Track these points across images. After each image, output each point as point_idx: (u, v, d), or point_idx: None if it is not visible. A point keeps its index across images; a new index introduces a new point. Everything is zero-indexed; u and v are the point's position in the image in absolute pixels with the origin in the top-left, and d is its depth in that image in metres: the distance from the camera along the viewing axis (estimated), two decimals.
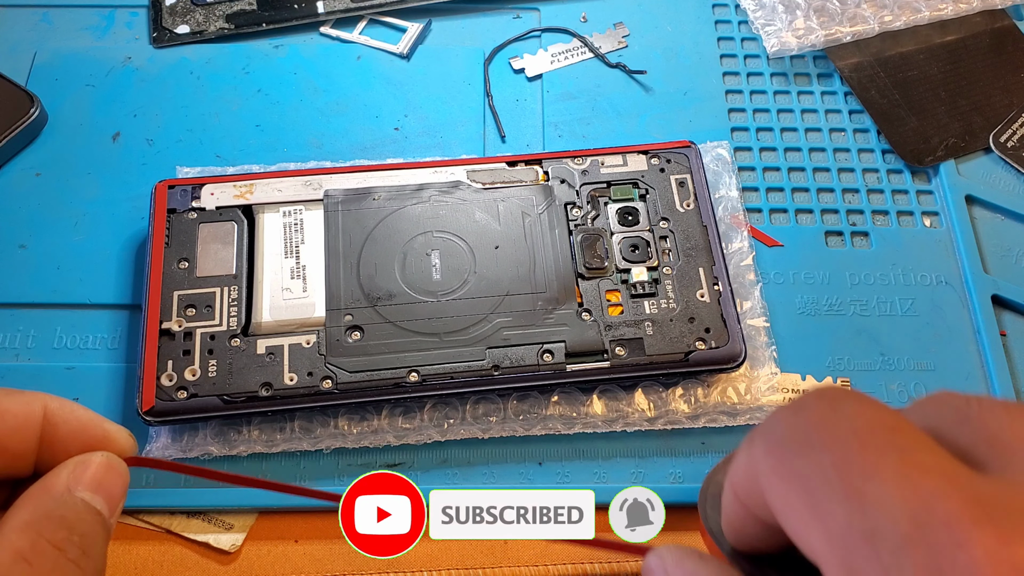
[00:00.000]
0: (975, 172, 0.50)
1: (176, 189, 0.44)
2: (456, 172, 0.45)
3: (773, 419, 0.20)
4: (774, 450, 0.19)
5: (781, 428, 0.19)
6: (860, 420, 0.18)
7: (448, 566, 0.39)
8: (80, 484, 0.27)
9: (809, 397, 0.19)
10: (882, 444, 0.17)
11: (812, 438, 0.18)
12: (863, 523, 0.17)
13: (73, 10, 0.54)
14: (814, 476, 0.18)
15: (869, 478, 0.17)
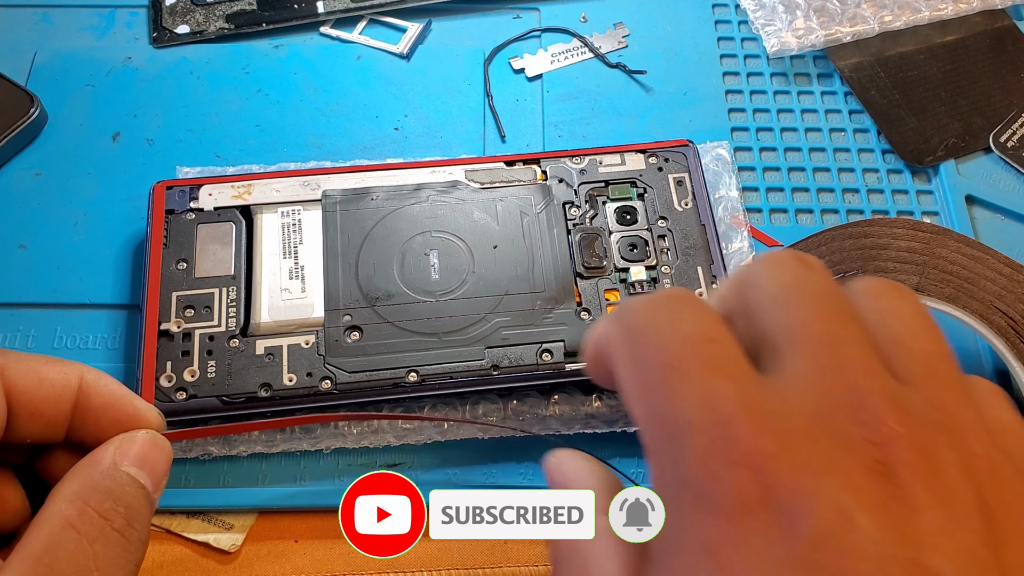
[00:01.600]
0: (975, 172, 0.50)
1: (174, 190, 0.44)
2: (454, 172, 0.45)
3: (634, 305, 0.23)
4: (626, 336, 0.23)
5: (637, 318, 0.23)
6: (689, 327, 0.22)
7: (448, 566, 0.39)
8: (126, 459, 0.29)
9: (661, 296, 0.23)
10: (697, 350, 0.21)
11: (652, 338, 0.22)
12: (667, 411, 0.20)
13: (73, 10, 0.54)
14: (646, 367, 0.21)
15: (679, 376, 0.21)
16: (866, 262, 0.33)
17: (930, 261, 0.34)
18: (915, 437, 0.20)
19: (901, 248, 0.34)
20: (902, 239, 0.34)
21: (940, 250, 0.35)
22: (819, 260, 0.24)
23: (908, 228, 0.34)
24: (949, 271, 0.35)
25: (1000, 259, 0.36)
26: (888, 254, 0.33)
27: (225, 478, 0.40)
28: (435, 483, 0.40)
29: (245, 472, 0.40)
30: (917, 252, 0.34)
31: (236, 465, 0.40)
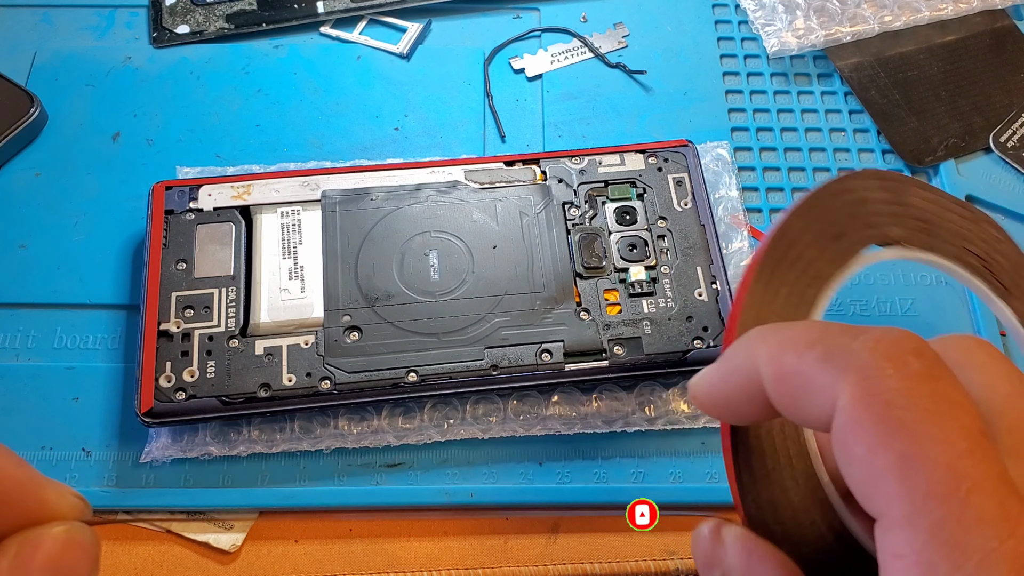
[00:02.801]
0: (975, 172, 0.50)
1: (174, 190, 0.44)
2: (454, 172, 0.45)
3: (873, 354, 0.20)
4: (876, 405, 0.20)
5: (891, 385, 0.20)
6: (966, 418, 0.20)
7: (448, 566, 0.39)
8: (29, 569, 0.21)
9: (905, 350, 0.20)
10: (985, 456, 0.19)
11: (927, 425, 0.19)
12: (956, 532, 0.18)
13: (73, 10, 0.54)
14: (919, 465, 0.19)
15: (973, 492, 0.19)
16: (856, 218, 0.34)
17: (903, 211, 0.35)
18: None
19: (878, 200, 0.35)
20: (875, 190, 0.35)
21: (908, 198, 0.36)
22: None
23: (876, 179, 0.35)
24: (920, 218, 0.36)
25: (952, 200, 0.37)
26: (871, 207, 0.34)
27: (225, 478, 0.40)
28: (435, 483, 0.40)
29: (245, 472, 0.40)
30: (892, 203, 0.35)
31: (236, 465, 0.40)
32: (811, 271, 0.33)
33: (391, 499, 0.40)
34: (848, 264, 0.33)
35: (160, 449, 0.40)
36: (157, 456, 0.40)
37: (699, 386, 0.25)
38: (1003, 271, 0.37)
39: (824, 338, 0.22)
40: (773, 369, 0.22)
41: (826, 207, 0.34)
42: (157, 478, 0.40)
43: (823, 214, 0.34)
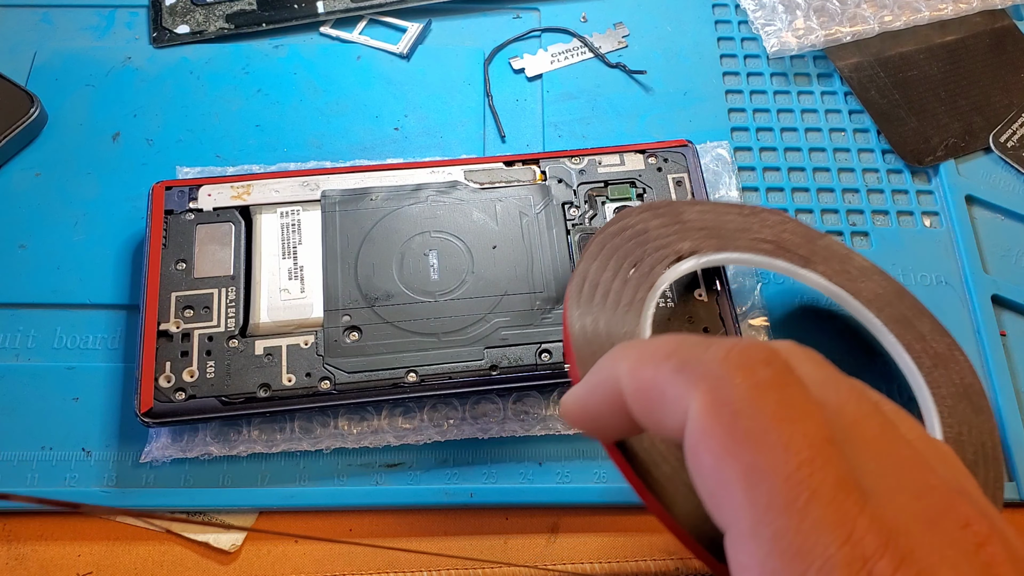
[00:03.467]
0: (975, 172, 0.50)
1: (173, 190, 0.44)
2: (453, 172, 0.45)
3: (722, 364, 0.21)
4: (723, 413, 0.20)
5: (737, 392, 0.20)
6: (810, 425, 0.20)
7: (448, 566, 0.39)
8: None
9: (755, 359, 0.21)
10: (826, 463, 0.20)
11: (770, 435, 0.20)
12: (797, 540, 0.19)
13: (73, 10, 0.54)
14: (760, 474, 0.20)
15: (812, 500, 0.19)
16: (643, 245, 0.37)
17: (683, 227, 0.38)
18: (997, 531, 0.21)
19: (657, 226, 0.38)
20: (651, 219, 0.38)
21: (684, 216, 0.39)
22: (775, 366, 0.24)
23: (648, 210, 0.39)
24: (702, 227, 0.39)
25: (725, 205, 0.43)
26: (653, 233, 0.38)
27: (225, 478, 0.40)
28: (435, 483, 0.40)
29: (245, 472, 0.40)
30: (671, 224, 0.39)
31: (236, 465, 0.40)
32: (623, 300, 0.35)
33: (391, 499, 0.40)
34: (654, 285, 0.36)
35: (160, 449, 0.40)
36: (157, 456, 0.40)
37: (567, 404, 0.25)
38: (796, 245, 0.40)
39: (679, 350, 0.22)
40: (632, 381, 0.23)
41: (614, 245, 0.37)
42: (157, 478, 0.40)
43: (613, 251, 0.36)
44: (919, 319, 0.40)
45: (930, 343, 0.40)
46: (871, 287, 0.40)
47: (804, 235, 0.41)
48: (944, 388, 0.38)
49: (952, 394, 0.38)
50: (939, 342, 0.40)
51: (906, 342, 0.39)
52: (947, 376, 0.39)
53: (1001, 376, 0.44)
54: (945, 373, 0.39)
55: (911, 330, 0.40)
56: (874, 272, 0.41)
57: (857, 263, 0.41)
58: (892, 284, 0.41)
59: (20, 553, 0.39)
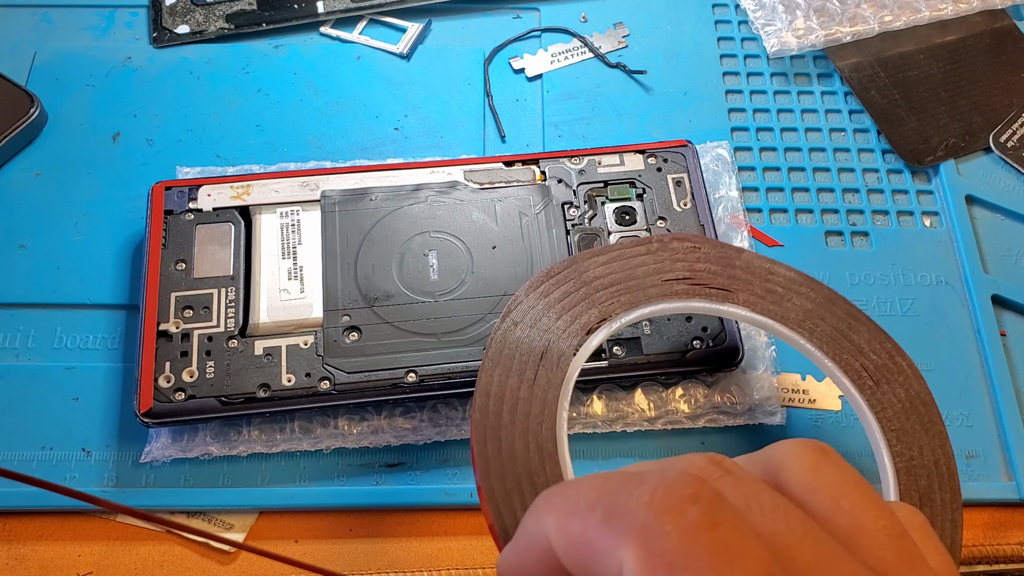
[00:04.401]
0: (975, 172, 0.50)
1: (173, 190, 0.44)
2: (453, 172, 0.45)
3: (647, 510, 0.20)
4: (657, 567, 0.19)
5: (667, 541, 0.19)
6: (748, 565, 0.19)
7: (448, 566, 0.39)
8: None
9: (681, 498, 0.20)
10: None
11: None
12: None
13: (73, 10, 0.54)
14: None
15: None
16: (545, 332, 0.35)
17: (588, 291, 0.36)
18: None
19: (559, 298, 0.37)
20: (553, 290, 0.36)
21: (587, 274, 0.38)
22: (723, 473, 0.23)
23: (547, 279, 0.37)
24: (608, 286, 0.37)
25: (630, 244, 0.38)
26: (555, 311, 0.35)
27: (225, 478, 0.40)
28: (435, 483, 0.40)
29: (245, 472, 0.40)
30: (572, 291, 0.36)
31: (236, 465, 0.41)
32: (533, 411, 0.32)
33: (391, 499, 0.40)
34: (564, 379, 0.33)
35: (160, 449, 0.40)
36: (157, 456, 0.40)
37: (502, 566, 0.24)
38: (713, 275, 0.38)
39: (603, 498, 0.21)
40: (560, 538, 0.22)
41: (515, 341, 0.34)
42: (157, 478, 0.40)
43: (515, 347, 0.34)
44: (855, 328, 0.38)
45: (869, 355, 0.38)
46: (799, 304, 0.38)
47: (720, 258, 0.39)
48: (890, 407, 0.37)
49: (899, 412, 0.37)
50: (879, 351, 0.38)
51: (844, 362, 0.37)
52: (891, 391, 0.37)
53: (1001, 376, 0.44)
54: (889, 388, 0.37)
55: (847, 345, 0.38)
56: (800, 282, 0.39)
57: (781, 276, 0.39)
58: (821, 292, 0.39)
59: (20, 553, 0.39)
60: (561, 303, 0.36)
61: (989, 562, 0.40)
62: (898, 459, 0.36)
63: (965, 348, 0.45)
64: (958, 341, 0.45)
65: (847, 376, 0.37)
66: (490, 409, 0.32)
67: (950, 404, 0.43)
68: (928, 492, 0.35)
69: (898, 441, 0.36)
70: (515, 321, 0.35)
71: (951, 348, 0.45)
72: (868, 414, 0.36)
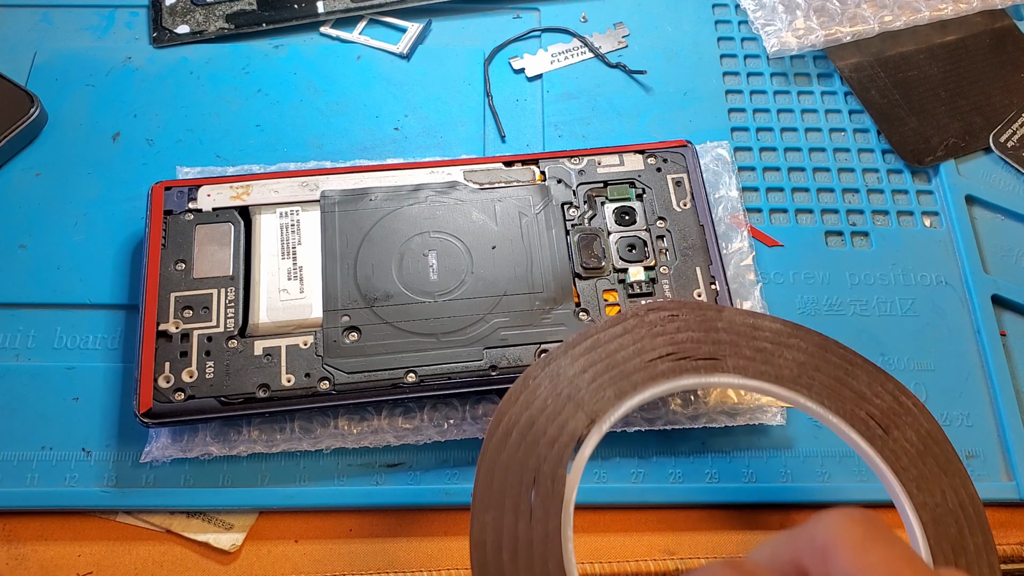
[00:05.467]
0: (975, 172, 0.50)
1: (172, 191, 0.44)
2: (453, 172, 0.45)
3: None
4: None
5: None
6: None
7: (448, 566, 0.39)
8: None
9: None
10: None
11: None
12: None
13: (73, 10, 0.54)
14: None
15: None
16: (533, 449, 0.33)
17: (571, 392, 0.34)
18: None
19: (541, 408, 0.34)
20: (534, 402, 0.34)
21: (566, 374, 0.35)
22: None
23: (524, 390, 0.34)
24: (592, 380, 0.35)
25: (608, 323, 0.36)
26: (542, 424, 0.33)
27: (225, 478, 0.40)
28: (435, 483, 0.40)
29: (245, 472, 0.40)
30: (555, 396, 0.34)
31: (236, 465, 0.41)
32: (536, 551, 0.31)
33: (391, 499, 0.40)
34: (563, 503, 0.32)
35: (160, 449, 0.40)
36: (157, 456, 0.40)
37: None
38: (697, 344, 0.36)
39: None
40: None
41: (503, 466, 0.32)
42: (157, 478, 0.40)
43: (504, 477, 0.31)
44: (852, 374, 0.36)
45: (873, 400, 0.36)
46: (792, 358, 0.36)
47: (700, 323, 0.37)
48: (904, 455, 0.35)
49: (914, 457, 0.35)
50: (882, 394, 0.36)
51: (848, 413, 0.36)
52: (902, 436, 0.35)
53: (1001, 376, 0.44)
54: (900, 433, 0.35)
55: (848, 393, 0.36)
56: (788, 333, 0.37)
57: (767, 330, 0.37)
58: (811, 340, 0.37)
59: (20, 553, 0.39)
60: (546, 411, 0.34)
61: None
62: (922, 510, 0.34)
63: (965, 348, 0.45)
64: (958, 341, 0.45)
65: (854, 429, 0.35)
66: (488, 560, 0.30)
67: (950, 404, 0.43)
68: (959, 540, 0.34)
69: (919, 490, 0.34)
70: (502, 439, 0.33)
71: (951, 348, 0.45)
72: (882, 467, 0.35)
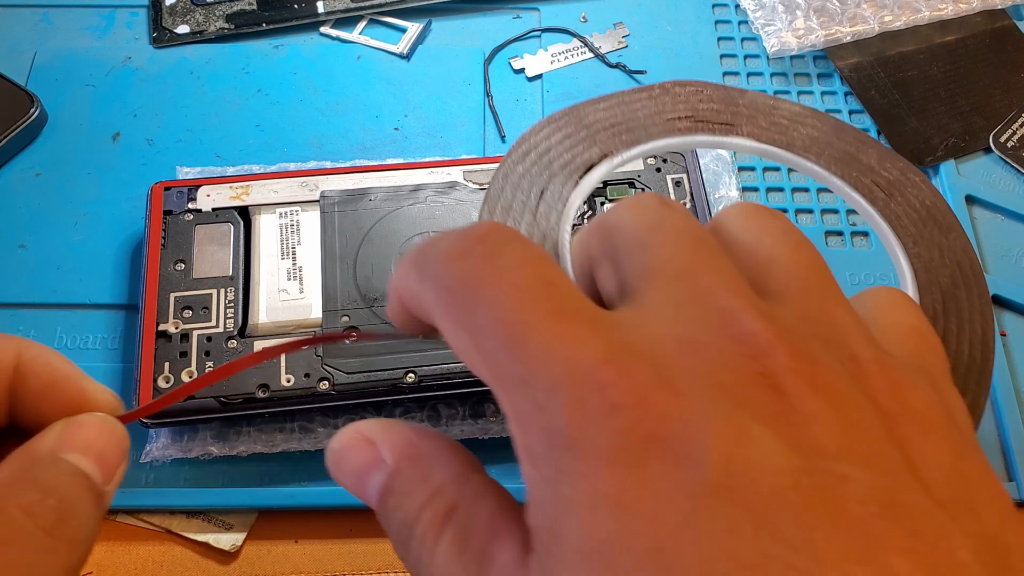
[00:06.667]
0: (975, 172, 0.50)
1: (172, 191, 0.44)
2: (452, 172, 0.45)
3: (440, 254, 0.21)
4: (443, 296, 0.21)
5: (450, 275, 0.21)
6: (519, 274, 0.20)
7: None
8: (69, 445, 0.25)
9: (469, 238, 0.21)
10: (538, 299, 0.19)
11: (477, 295, 0.20)
12: (522, 371, 0.19)
13: (73, 10, 0.54)
14: (481, 330, 0.20)
15: (526, 332, 0.19)
16: (550, 166, 0.35)
17: (588, 131, 0.37)
18: (792, 346, 0.19)
19: (558, 140, 0.36)
20: (553, 135, 0.36)
21: (586, 119, 0.37)
22: (680, 204, 0.25)
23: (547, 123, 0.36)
24: (611, 124, 0.36)
25: (630, 93, 0.37)
26: (555, 152, 0.35)
27: (225, 478, 0.40)
28: None
29: (245, 472, 0.40)
30: (574, 134, 0.35)
31: (236, 465, 0.40)
32: (535, 240, 0.33)
33: None
34: (563, 212, 0.33)
35: (160, 449, 0.40)
36: (157, 456, 0.40)
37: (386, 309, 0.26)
38: (716, 113, 0.38)
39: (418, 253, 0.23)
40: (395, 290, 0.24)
41: (517, 176, 0.34)
42: (157, 478, 0.40)
43: (516, 184, 0.34)
44: (864, 151, 0.37)
45: (880, 173, 0.37)
46: (805, 133, 0.38)
47: (723, 99, 0.38)
48: (904, 216, 0.36)
49: (915, 220, 0.36)
50: (890, 169, 0.37)
51: (852, 179, 0.36)
52: (906, 202, 0.36)
53: (1001, 376, 0.44)
54: (903, 200, 0.36)
55: (856, 165, 0.37)
56: (807, 115, 0.38)
57: (786, 111, 0.38)
58: (828, 122, 0.38)
59: None
60: (563, 143, 0.35)
61: None
62: (916, 260, 0.35)
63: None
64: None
65: (857, 191, 0.36)
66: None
67: None
68: (952, 289, 0.34)
69: (915, 244, 0.35)
70: (520, 156, 0.35)
71: None
72: (881, 223, 0.36)
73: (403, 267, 0.23)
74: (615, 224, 0.23)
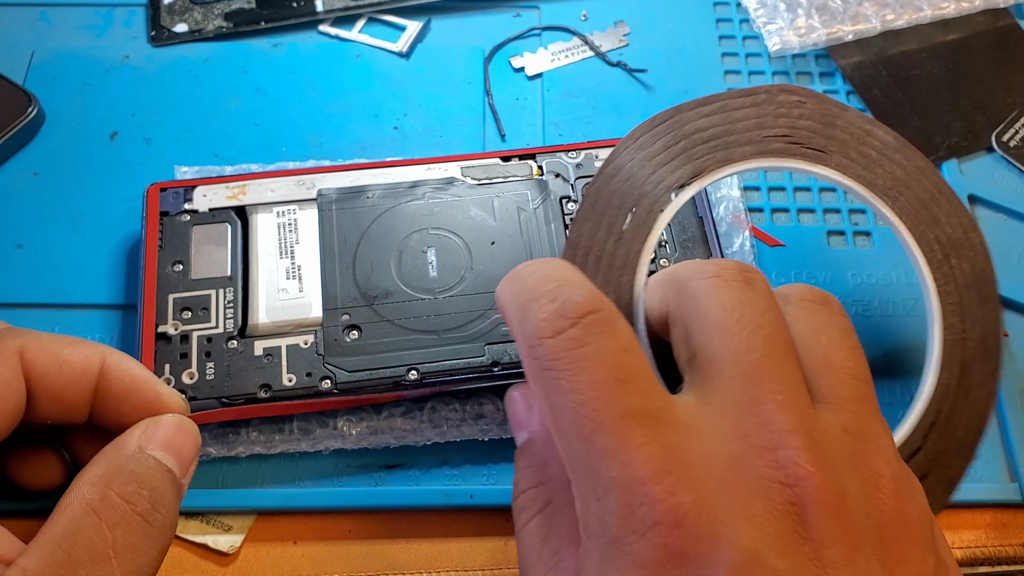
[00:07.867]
0: (977, 172, 0.50)
1: (168, 192, 0.43)
2: (450, 168, 0.45)
3: (536, 324, 0.25)
4: (533, 365, 0.25)
5: (542, 350, 0.25)
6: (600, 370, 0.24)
7: (448, 567, 0.39)
8: (152, 442, 0.29)
9: (567, 318, 0.25)
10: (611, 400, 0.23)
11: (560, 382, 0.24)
12: (588, 462, 0.23)
13: (71, 9, 0.54)
14: (559, 412, 0.24)
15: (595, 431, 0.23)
16: (639, 186, 0.36)
17: (687, 143, 0.37)
18: (826, 475, 0.22)
19: (658, 151, 0.37)
20: (652, 143, 0.38)
21: (689, 127, 0.39)
22: (762, 276, 0.27)
23: (648, 131, 0.38)
24: (706, 140, 0.37)
25: (738, 94, 0.39)
26: (651, 165, 0.36)
27: (224, 479, 0.40)
28: (435, 484, 0.40)
29: (244, 473, 0.40)
30: (672, 144, 0.37)
31: (235, 466, 0.40)
32: (616, 262, 0.35)
33: (390, 500, 0.40)
34: (651, 232, 0.35)
35: None
36: None
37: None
38: (812, 134, 0.39)
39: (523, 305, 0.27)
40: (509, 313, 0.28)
41: (608, 193, 0.36)
42: None
43: (607, 202, 0.35)
44: (937, 201, 0.39)
45: (945, 228, 0.39)
46: (889, 171, 0.39)
47: (822, 116, 0.39)
48: (953, 281, 0.38)
49: (960, 286, 0.38)
50: (955, 226, 0.39)
51: (918, 232, 0.38)
52: (958, 265, 0.38)
53: (1004, 375, 0.43)
54: (957, 263, 0.38)
55: (926, 216, 0.39)
56: (896, 148, 0.40)
57: (878, 140, 0.40)
58: (914, 160, 0.39)
59: None
60: (658, 156, 0.37)
61: (991, 563, 0.40)
62: (948, 331, 0.37)
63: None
64: None
65: (920, 249, 0.38)
66: (577, 260, 0.35)
67: None
68: (970, 363, 0.37)
69: (952, 314, 0.37)
70: (611, 175, 0.36)
71: None
72: (930, 286, 0.38)
73: (506, 304, 0.28)
74: (693, 293, 0.26)
